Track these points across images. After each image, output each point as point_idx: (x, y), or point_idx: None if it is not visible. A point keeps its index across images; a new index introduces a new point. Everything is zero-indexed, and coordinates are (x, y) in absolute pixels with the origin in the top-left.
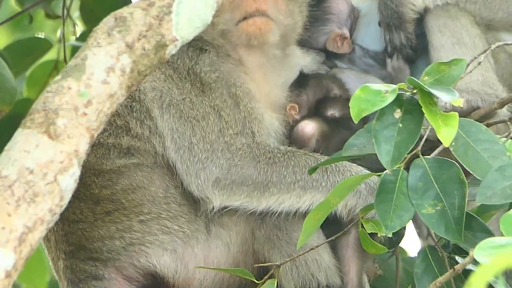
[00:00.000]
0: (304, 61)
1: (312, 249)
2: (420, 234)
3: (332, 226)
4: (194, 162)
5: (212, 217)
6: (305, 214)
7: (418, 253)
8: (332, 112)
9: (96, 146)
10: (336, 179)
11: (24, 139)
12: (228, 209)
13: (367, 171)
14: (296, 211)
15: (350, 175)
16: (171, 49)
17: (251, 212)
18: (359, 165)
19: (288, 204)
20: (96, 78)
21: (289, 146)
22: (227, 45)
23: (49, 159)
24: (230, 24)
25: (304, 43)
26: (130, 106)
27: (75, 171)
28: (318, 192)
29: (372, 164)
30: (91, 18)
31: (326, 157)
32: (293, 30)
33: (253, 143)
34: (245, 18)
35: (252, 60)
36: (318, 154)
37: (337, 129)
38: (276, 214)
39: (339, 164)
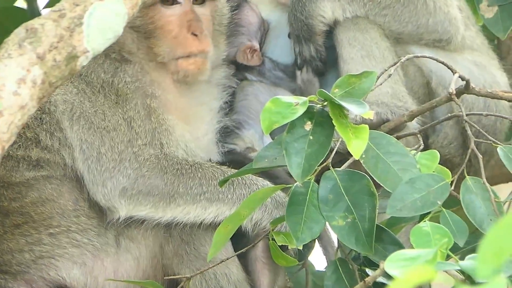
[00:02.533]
0: (218, 75)
1: (222, 261)
2: (325, 254)
3: (240, 239)
4: (101, 172)
5: (122, 230)
6: (213, 228)
7: (328, 265)
8: None
9: (5, 158)
10: (242, 192)
11: None
12: (137, 222)
13: (272, 185)
14: (202, 224)
15: (256, 189)
16: (82, 61)
17: (159, 226)
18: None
19: (193, 215)
20: (7, 90)
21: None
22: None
23: None
24: (169, 57)
25: None
26: (40, 118)
27: None
28: (224, 204)
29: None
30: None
31: (233, 170)
32: (218, 59)
33: (161, 154)
34: (187, 56)
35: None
36: (226, 167)
37: None
38: (183, 228)
39: (245, 177)
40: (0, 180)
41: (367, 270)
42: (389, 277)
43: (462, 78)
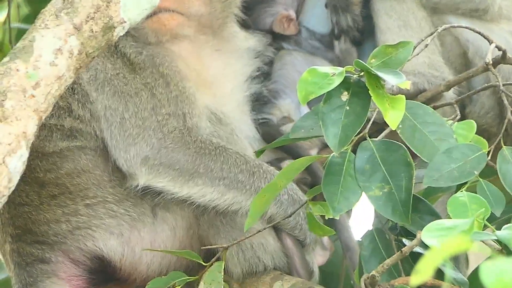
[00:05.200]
0: (248, 43)
1: (259, 231)
2: (347, 254)
3: None
4: (125, 137)
5: (158, 201)
6: None
7: (365, 235)
8: None
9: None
10: (260, 185)
11: None
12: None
13: None
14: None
15: None
16: (119, 31)
17: None
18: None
19: (209, 198)
20: (44, 60)
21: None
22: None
23: None
24: None
25: (250, 25)
26: (72, 88)
27: (23, 153)
28: (241, 194)
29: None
30: (35, 1)
31: (255, 160)
32: (216, 17)
33: (184, 129)
34: (147, 17)
35: (180, 49)
36: (248, 155)
37: None
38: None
39: (267, 171)
40: (34, 151)
41: (403, 240)
42: (426, 246)
43: (499, 48)
